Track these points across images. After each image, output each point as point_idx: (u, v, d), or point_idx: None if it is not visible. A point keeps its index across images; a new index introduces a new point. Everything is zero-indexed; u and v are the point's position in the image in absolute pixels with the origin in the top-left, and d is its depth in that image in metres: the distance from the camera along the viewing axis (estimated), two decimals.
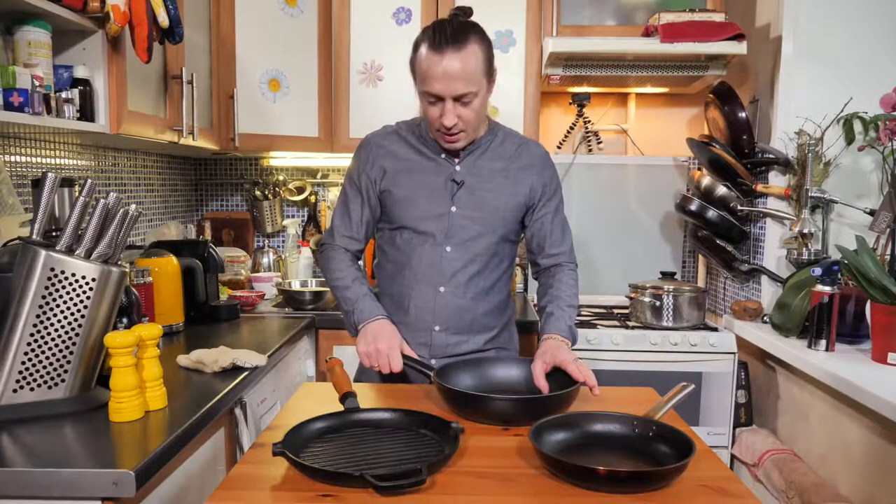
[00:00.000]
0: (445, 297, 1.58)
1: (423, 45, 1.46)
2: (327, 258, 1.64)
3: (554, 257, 1.64)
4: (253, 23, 2.45)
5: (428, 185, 1.58)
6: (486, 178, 1.59)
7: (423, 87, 1.47)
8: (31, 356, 1.25)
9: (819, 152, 2.18)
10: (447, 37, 1.43)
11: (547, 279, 1.63)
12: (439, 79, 1.43)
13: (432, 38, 1.44)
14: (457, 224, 1.57)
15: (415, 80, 1.52)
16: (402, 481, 0.94)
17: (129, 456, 1.10)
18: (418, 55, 1.47)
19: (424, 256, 1.58)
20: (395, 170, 1.59)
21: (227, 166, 3.00)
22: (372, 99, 2.61)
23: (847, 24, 2.21)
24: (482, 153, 1.61)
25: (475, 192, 1.58)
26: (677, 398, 1.20)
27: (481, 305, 1.61)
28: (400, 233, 1.61)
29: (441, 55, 1.42)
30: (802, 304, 2.07)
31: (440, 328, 1.59)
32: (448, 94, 1.44)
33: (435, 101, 1.47)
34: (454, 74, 1.42)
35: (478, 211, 1.58)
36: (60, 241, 1.28)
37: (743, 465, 2.24)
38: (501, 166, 1.61)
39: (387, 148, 1.62)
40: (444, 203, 1.57)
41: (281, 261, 2.87)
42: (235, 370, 1.61)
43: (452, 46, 1.42)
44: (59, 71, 1.59)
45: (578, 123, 2.89)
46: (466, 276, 1.58)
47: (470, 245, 1.58)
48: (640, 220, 2.91)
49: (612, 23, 2.59)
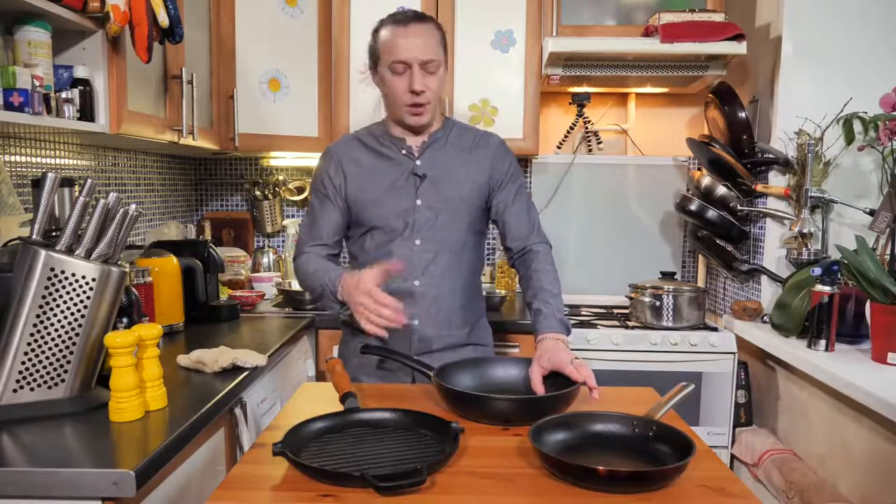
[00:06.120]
0: (420, 292, 1.61)
1: (384, 27, 1.58)
2: (296, 267, 1.68)
3: (522, 239, 1.67)
4: (253, 23, 2.45)
5: (392, 184, 1.63)
6: (446, 170, 1.65)
7: (390, 57, 1.55)
8: (31, 356, 1.25)
9: (819, 152, 2.18)
10: (412, 14, 1.58)
11: (525, 270, 1.64)
12: (406, 46, 1.53)
13: (394, 18, 1.58)
14: (423, 216, 1.62)
15: (375, 66, 1.61)
16: (402, 481, 0.94)
17: (129, 456, 1.10)
18: (380, 35, 1.58)
19: (395, 252, 1.62)
20: (358, 175, 1.65)
21: (227, 166, 3.00)
22: (372, 99, 2.60)
23: (847, 24, 2.21)
24: (441, 146, 1.67)
25: (438, 184, 1.64)
26: (677, 398, 1.20)
27: (457, 298, 1.66)
28: (370, 234, 1.65)
29: (407, 27, 1.55)
30: (802, 304, 2.07)
31: (419, 323, 1.62)
32: (414, 60, 1.54)
33: (403, 69, 1.55)
34: (419, 42, 1.54)
35: (441, 202, 1.63)
36: (60, 241, 1.28)
37: (743, 465, 2.24)
38: (460, 157, 1.67)
39: (348, 155, 1.67)
40: (409, 198, 1.63)
41: (281, 261, 2.88)
42: (235, 370, 1.61)
43: (415, 21, 1.56)
44: (59, 71, 1.59)
45: (578, 123, 2.89)
46: (440, 269, 1.63)
47: (438, 237, 1.63)
48: (640, 220, 2.91)
49: (612, 23, 2.59)
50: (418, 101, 1.57)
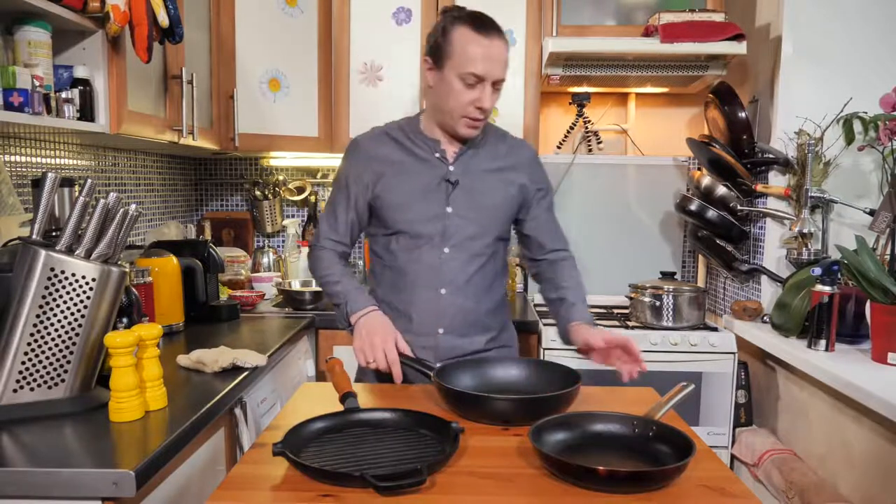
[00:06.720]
0: (447, 299, 1.58)
1: (462, 27, 1.46)
2: (316, 258, 1.65)
3: (556, 252, 1.67)
4: (253, 23, 2.45)
5: (422, 188, 1.57)
6: (479, 178, 1.59)
7: (465, 68, 1.45)
8: (31, 356, 1.25)
9: (819, 152, 2.18)
10: (490, 22, 1.47)
11: (553, 273, 1.64)
12: (485, 60, 1.44)
13: (474, 21, 1.46)
14: (453, 224, 1.57)
15: (439, 64, 1.50)
16: (402, 481, 0.94)
17: (129, 456, 1.10)
18: (454, 35, 1.46)
19: (423, 259, 1.57)
20: (386, 174, 1.58)
21: (227, 166, 3.00)
22: (372, 99, 2.60)
23: (847, 24, 2.21)
24: (475, 153, 1.61)
25: (470, 192, 1.58)
26: (677, 398, 1.20)
27: (483, 304, 1.62)
28: (396, 238, 1.59)
29: (489, 38, 1.45)
30: (802, 304, 2.07)
31: (444, 331, 1.59)
32: (490, 77, 1.46)
33: (475, 82, 1.46)
34: (499, 58, 1.46)
35: (474, 211, 1.58)
36: (60, 241, 1.28)
37: (743, 465, 2.24)
38: (494, 166, 1.62)
39: (377, 151, 1.60)
40: (439, 204, 1.57)
41: (281, 261, 2.88)
42: (235, 370, 1.61)
43: (496, 32, 1.46)
44: (59, 71, 1.59)
45: (578, 123, 2.89)
46: (466, 276, 1.59)
47: (468, 245, 1.58)
48: (640, 220, 2.91)
49: (612, 23, 2.59)
50: (479, 117, 1.51)
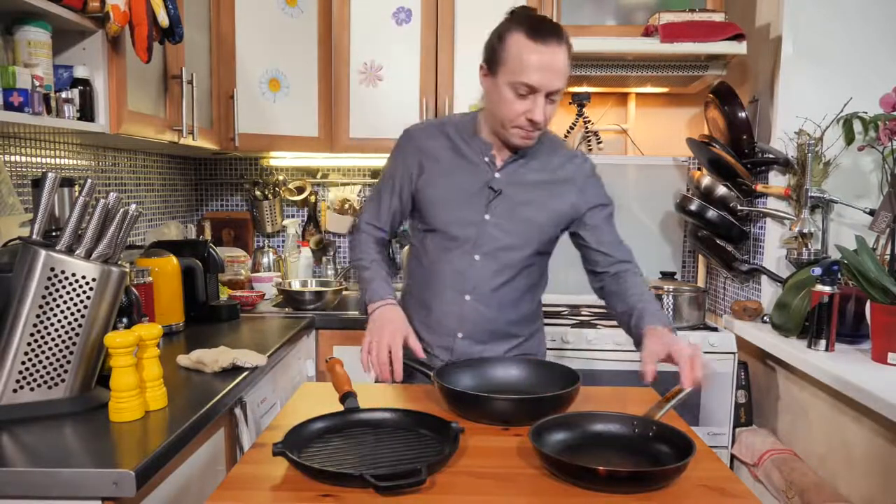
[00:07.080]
0: (471, 305, 1.54)
1: (518, 33, 1.38)
2: (355, 240, 1.65)
3: (619, 265, 1.57)
4: (253, 23, 2.45)
5: (464, 189, 1.52)
6: (525, 190, 1.52)
7: (517, 76, 1.37)
8: (31, 356, 1.25)
9: (819, 152, 2.18)
10: (550, 28, 1.37)
11: (617, 286, 1.54)
12: (540, 70, 1.36)
13: (532, 26, 1.37)
14: (488, 233, 1.52)
15: (493, 70, 1.43)
16: (402, 481, 0.94)
17: (129, 456, 1.10)
18: (509, 41, 1.39)
19: (454, 262, 1.54)
20: (431, 169, 1.54)
21: (227, 166, 3.00)
22: (372, 99, 2.60)
23: (847, 24, 2.21)
24: (526, 163, 1.53)
25: (512, 203, 1.52)
26: (677, 398, 1.20)
27: (507, 315, 1.57)
28: (431, 236, 1.57)
29: (546, 45, 1.36)
30: (802, 304, 2.07)
31: (463, 335, 1.56)
32: (545, 88, 1.37)
33: (527, 93, 1.38)
34: (556, 68, 1.37)
35: (512, 223, 1.52)
36: (60, 241, 1.28)
37: (743, 465, 2.24)
38: (543, 178, 1.54)
39: (426, 143, 1.56)
40: (478, 210, 1.52)
41: (281, 261, 2.88)
42: (235, 370, 1.61)
43: (556, 39, 1.37)
44: (59, 71, 1.59)
45: (578, 123, 2.88)
46: (493, 286, 1.53)
47: (500, 255, 1.53)
48: (640, 220, 2.91)
49: (612, 23, 2.59)
50: (531, 129, 1.43)
